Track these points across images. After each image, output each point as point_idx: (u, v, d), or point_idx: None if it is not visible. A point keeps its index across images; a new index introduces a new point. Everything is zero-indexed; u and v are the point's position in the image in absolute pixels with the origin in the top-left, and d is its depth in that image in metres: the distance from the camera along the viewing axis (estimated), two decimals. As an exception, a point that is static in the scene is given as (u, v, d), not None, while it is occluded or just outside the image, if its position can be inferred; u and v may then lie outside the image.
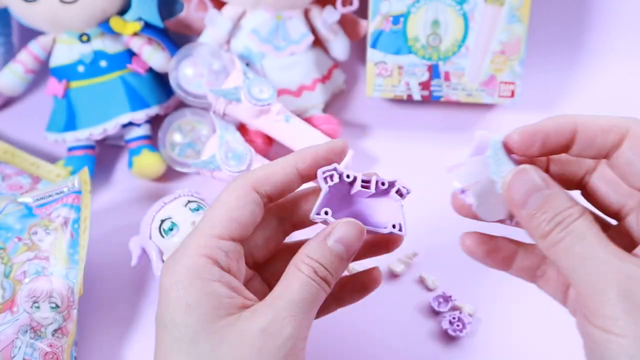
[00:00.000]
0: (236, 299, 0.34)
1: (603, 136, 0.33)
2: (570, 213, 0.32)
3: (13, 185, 0.58)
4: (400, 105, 0.68)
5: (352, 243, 0.35)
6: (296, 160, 0.37)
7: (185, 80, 0.61)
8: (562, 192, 0.33)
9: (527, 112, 0.67)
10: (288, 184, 0.37)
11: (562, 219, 0.32)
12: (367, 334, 0.51)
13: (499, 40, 0.61)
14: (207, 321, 0.33)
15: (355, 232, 0.35)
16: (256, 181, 0.36)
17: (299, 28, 0.63)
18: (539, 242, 0.33)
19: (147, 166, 0.61)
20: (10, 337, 0.47)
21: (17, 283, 0.48)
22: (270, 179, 0.36)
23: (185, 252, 0.35)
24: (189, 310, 0.33)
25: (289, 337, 0.33)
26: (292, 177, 0.37)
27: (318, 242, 0.35)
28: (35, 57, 0.62)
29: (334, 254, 0.35)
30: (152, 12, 0.62)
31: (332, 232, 0.35)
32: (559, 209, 0.32)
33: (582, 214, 0.32)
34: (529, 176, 0.33)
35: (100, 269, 0.55)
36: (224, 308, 0.33)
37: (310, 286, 0.34)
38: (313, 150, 0.37)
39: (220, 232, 0.35)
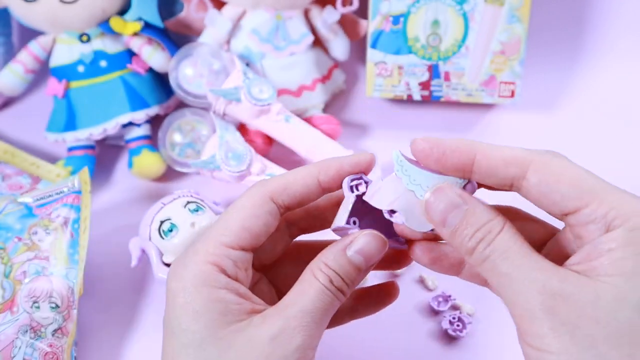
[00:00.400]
0: (244, 305, 0.34)
1: (504, 169, 0.33)
2: (491, 228, 0.32)
3: (13, 185, 0.58)
4: (400, 105, 0.68)
5: (372, 255, 0.34)
6: (318, 171, 0.36)
7: (185, 80, 0.61)
8: (480, 206, 0.32)
9: (527, 112, 0.67)
10: (307, 195, 0.36)
11: (484, 235, 0.32)
12: (366, 333, 0.51)
13: (499, 40, 0.61)
14: (215, 327, 0.33)
15: (377, 245, 0.34)
16: (274, 191, 0.35)
17: (299, 28, 0.63)
18: (467, 259, 0.33)
19: (147, 166, 0.61)
20: (10, 337, 0.47)
21: (17, 283, 0.48)
22: (289, 189, 0.35)
23: (193, 258, 0.34)
24: (197, 316, 0.33)
25: (298, 347, 0.32)
26: (312, 188, 0.36)
27: (337, 251, 0.34)
28: (35, 57, 0.62)
29: (353, 265, 0.34)
30: (152, 12, 0.62)
31: (353, 243, 0.34)
32: (479, 224, 0.32)
33: (502, 226, 0.32)
34: (445, 194, 0.33)
35: (100, 269, 0.55)
36: (231, 314, 0.33)
37: (325, 295, 0.33)
38: (337, 162, 0.36)
39: (230, 240, 0.34)
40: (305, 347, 0.33)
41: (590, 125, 0.67)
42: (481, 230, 0.32)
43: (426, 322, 0.52)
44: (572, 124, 0.67)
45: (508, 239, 0.31)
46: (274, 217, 0.35)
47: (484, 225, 0.32)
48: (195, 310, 0.33)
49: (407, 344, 0.51)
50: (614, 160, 0.64)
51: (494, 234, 0.32)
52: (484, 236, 0.32)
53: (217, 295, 0.33)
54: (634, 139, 0.65)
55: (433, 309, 0.52)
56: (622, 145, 0.65)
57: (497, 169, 0.33)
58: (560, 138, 0.66)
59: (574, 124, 0.67)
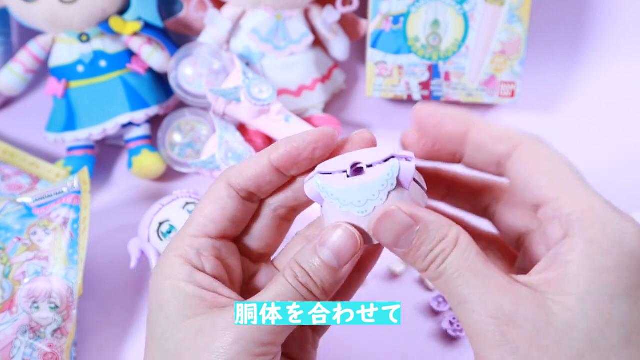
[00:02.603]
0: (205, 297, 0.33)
1: (493, 144, 0.32)
2: (443, 248, 0.30)
3: (12, 185, 0.58)
4: (400, 105, 0.68)
5: (343, 253, 0.32)
6: (269, 152, 0.35)
7: (185, 80, 0.61)
8: (433, 224, 0.31)
9: (527, 112, 0.67)
10: (261, 175, 0.34)
11: (436, 256, 0.30)
12: (366, 333, 0.51)
13: (499, 40, 0.61)
14: (174, 319, 0.33)
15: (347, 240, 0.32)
16: (229, 176, 0.35)
17: (299, 28, 0.63)
18: (422, 275, 0.32)
19: (146, 166, 0.61)
20: (10, 338, 0.47)
21: (16, 283, 0.48)
22: (243, 172, 0.35)
23: (165, 254, 0.35)
24: (160, 308, 0.33)
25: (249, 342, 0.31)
26: (264, 169, 0.34)
27: (308, 248, 0.33)
28: (35, 57, 0.62)
29: (324, 264, 0.32)
30: (152, 12, 0.62)
31: (324, 239, 0.32)
32: (433, 244, 0.30)
33: (455, 243, 0.30)
34: (394, 218, 0.31)
35: (100, 270, 0.55)
36: (189, 308, 0.33)
37: (286, 290, 0.32)
38: (286, 140, 0.34)
39: (193, 230, 0.35)
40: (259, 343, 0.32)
41: (590, 125, 0.66)
42: (434, 250, 0.30)
43: (426, 322, 0.52)
44: (572, 124, 0.67)
45: (461, 256, 0.30)
46: (233, 199, 0.35)
47: (438, 244, 0.30)
48: (160, 302, 0.33)
49: (407, 344, 0.51)
50: (613, 160, 0.64)
51: (447, 252, 0.30)
52: (436, 256, 0.30)
53: (177, 286, 0.33)
54: (634, 139, 0.65)
55: (433, 309, 0.52)
56: (622, 145, 0.65)
57: (487, 143, 0.33)
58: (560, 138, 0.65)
59: (574, 124, 0.67)
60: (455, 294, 0.30)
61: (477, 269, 0.30)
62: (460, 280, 0.30)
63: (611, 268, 0.28)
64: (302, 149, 0.34)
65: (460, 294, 0.30)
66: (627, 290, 0.28)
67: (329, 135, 0.34)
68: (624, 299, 0.28)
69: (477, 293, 0.29)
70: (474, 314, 0.29)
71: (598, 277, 0.28)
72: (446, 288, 0.30)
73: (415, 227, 0.31)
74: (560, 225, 0.29)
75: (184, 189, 0.54)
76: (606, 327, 0.27)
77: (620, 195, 0.60)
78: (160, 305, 0.33)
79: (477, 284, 0.29)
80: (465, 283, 0.29)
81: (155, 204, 0.52)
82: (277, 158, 0.34)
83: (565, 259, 0.28)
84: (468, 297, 0.29)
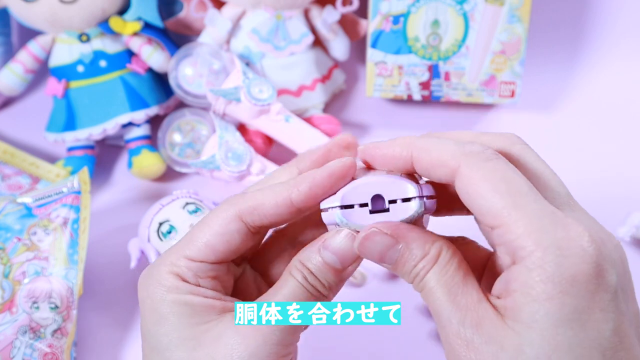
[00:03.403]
0: (214, 305, 0.34)
1: (434, 171, 0.32)
2: (423, 266, 0.31)
3: (12, 186, 0.58)
4: (400, 105, 0.68)
5: (346, 256, 0.33)
6: (289, 190, 0.33)
7: (185, 80, 0.61)
8: (415, 241, 0.31)
9: (527, 112, 0.67)
10: (280, 215, 0.34)
11: (418, 272, 0.31)
12: (366, 333, 0.51)
13: (499, 40, 0.61)
14: (182, 329, 0.33)
15: (348, 245, 0.33)
16: (244, 211, 0.34)
17: (299, 28, 0.63)
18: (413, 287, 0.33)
19: (146, 166, 0.61)
20: (10, 338, 0.47)
21: (16, 283, 0.48)
22: (258, 210, 0.34)
23: (158, 268, 0.34)
24: (162, 321, 0.33)
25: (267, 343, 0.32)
26: (284, 209, 0.34)
27: (312, 250, 0.34)
28: (35, 57, 0.62)
29: (327, 265, 0.33)
30: (152, 12, 0.62)
31: (327, 242, 0.33)
32: (415, 261, 0.31)
33: (434, 261, 0.31)
34: (375, 240, 0.32)
35: (100, 270, 0.55)
36: (199, 316, 0.33)
37: (300, 291, 0.33)
38: (309, 178, 0.33)
39: (193, 254, 0.34)
40: (275, 344, 0.32)
41: (590, 125, 0.66)
42: (417, 265, 0.31)
43: (426, 322, 0.52)
44: (572, 124, 0.67)
45: (439, 272, 0.31)
46: (242, 235, 0.34)
47: (420, 261, 0.31)
48: (161, 315, 0.33)
49: (407, 344, 0.51)
50: (613, 160, 0.64)
51: (427, 268, 0.31)
52: (417, 273, 0.31)
53: (182, 299, 0.33)
54: (634, 139, 0.65)
55: (433, 310, 0.52)
56: (622, 145, 0.65)
57: (429, 171, 0.32)
58: (560, 138, 0.65)
59: (574, 124, 0.67)
60: (433, 308, 0.31)
61: (451, 286, 0.31)
62: (436, 295, 0.31)
63: (553, 296, 0.27)
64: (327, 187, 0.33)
65: (435, 309, 0.31)
66: (570, 316, 0.28)
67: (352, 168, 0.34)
68: (568, 325, 0.28)
69: (447, 310, 0.30)
70: (443, 329, 0.30)
71: (541, 306, 0.28)
72: (427, 301, 0.31)
73: (397, 246, 0.32)
74: (507, 252, 0.29)
75: (184, 189, 0.54)
76: (553, 354, 0.28)
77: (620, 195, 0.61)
78: (162, 318, 0.33)
79: (449, 300, 0.30)
80: (439, 299, 0.30)
81: (155, 204, 0.52)
82: (298, 199, 0.33)
83: (512, 287, 0.29)
84: (441, 312, 0.30)
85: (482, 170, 0.30)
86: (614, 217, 0.59)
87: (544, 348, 0.28)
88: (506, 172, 0.30)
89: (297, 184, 0.33)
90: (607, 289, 0.28)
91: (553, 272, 0.28)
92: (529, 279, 0.28)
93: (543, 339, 0.28)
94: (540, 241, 0.28)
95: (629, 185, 0.62)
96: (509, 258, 0.29)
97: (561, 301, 0.27)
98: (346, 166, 0.33)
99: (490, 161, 0.30)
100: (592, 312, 0.28)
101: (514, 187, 0.29)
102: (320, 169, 0.33)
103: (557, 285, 0.28)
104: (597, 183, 0.61)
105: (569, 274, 0.28)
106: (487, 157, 0.30)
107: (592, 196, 0.48)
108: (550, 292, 0.28)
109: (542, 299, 0.28)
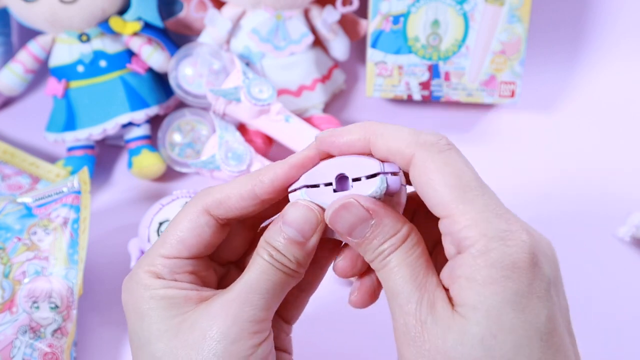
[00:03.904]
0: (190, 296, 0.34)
1: (391, 157, 0.33)
2: (392, 243, 0.32)
3: (12, 185, 0.58)
4: (400, 105, 0.68)
5: (304, 227, 0.33)
6: (253, 182, 0.34)
7: (185, 80, 0.61)
8: (388, 218, 0.32)
9: (527, 112, 0.67)
10: (245, 208, 0.35)
11: (384, 249, 0.32)
12: (366, 333, 0.51)
13: (499, 40, 0.61)
14: (160, 322, 0.33)
15: (307, 215, 0.33)
16: (209, 205, 0.35)
17: (299, 28, 0.63)
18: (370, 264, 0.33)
19: (146, 166, 0.61)
20: (10, 338, 0.47)
21: (16, 283, 0.48)
22: (224, 203, 0.35)
23: (135, 270, 0.35)
24: (142, 317, 0.34)
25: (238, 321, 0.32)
26: (249, 201, 0.35)
27: (275, 228, 0.34)
28: (35, 57, 0.62)
29: (289, 239, 0.33)
30: (152, 12, 0.62)
31: (285, 217, 0.34)
32: (384, 239, 0.32)
33: (403, 240, 0.32)
34: (352, 210, 0.32)
35: (100, 269, 0.55)
36: (176, 308, 0.33)
37: (269, 269, 0.33)
38: (271, 170, 0.34)
39: (166, 251, 0.35)
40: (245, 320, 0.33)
41: (590, 125, 0.66)
42: (384, 243, 0.32)
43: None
44: (572, 124, 0.67)
45: (405, 252, 0.32)
46: (212, 228, 0.35)
47: (388, 240, 0.32)
48: (141, 312, 0.34)
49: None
50: (613, 160, 0.64)
51: (394, 247, 0.32)
52: (384, 250, 0.32)
53: (159, 293, 0.34)
54: (634, 139, 0.65)
55: (433, 309, 0.52)
56: (622, 145, 0.65)
57: (388, 156, 0.33)
58: (560, 138, 0.66)
59: (574, 124, 0.67)
60: (391, 286, 0.32)
61: (414, 267, 0.31)
62: (398, 275, 0.31)
63: (496, 280, 0.29)
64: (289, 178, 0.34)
65: (394, 287, 0.31)
66: (512, 298, 0.29)
67: (315, 160, 0.35)
68: (511, 307, 0.29)
69: (407, 289, 0.31)
70: (400, 307, 0.31)
71: (486, 289, 0.29)
72: (386, 279, 0.32)
73: (370, 221, 0.32)
74: (452, 242, 0.31)
75: (184, 189, 0.54)
76: (499, 334, 0.29)
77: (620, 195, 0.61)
78: (142, 314, 0.34)
79: (410, 280, 0.31)
80: (401, 278, 0.31)
81: (155, 204, 0.52)
82: (262, 190, 0.34)
83: (457, 274, 0.30)
84: (400, 291, 0.31)
85: (435, 162, 0.31)
86: (614, 217, 0.59)
87: (490, 327, 0.29)
88: (457, 164, 0.31)
89: (260, 176, 0.34)
90: (542, 278, 0.30)
91: (496, 258, 0.29)
92: (474, 265, 0.30)
93: (489, 319, 0.29)
94: (486, 232, 0.30)
95: (629, 185, 0.62)
96: (454, 248, 0.31)
97: (504, 285, 0.29)
98: (307, 157, 0.34)
99: (443, 152, 0.32)
100: (530, 297, 0.29)
101: (464, 181, 0.31)
102: (282, 161, 0.35)
103: (499, 270, 0.29)
104: (597, 183, 0.61)
105: (510, 261, 0.29)
106: (440, 149, 0.32)
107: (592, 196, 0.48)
108: (494, 276, 0.29)
109: (486, 282, 0.29)
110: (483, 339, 0.29)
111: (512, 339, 0.29)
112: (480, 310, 0.29)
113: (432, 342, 0.30)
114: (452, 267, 0.31)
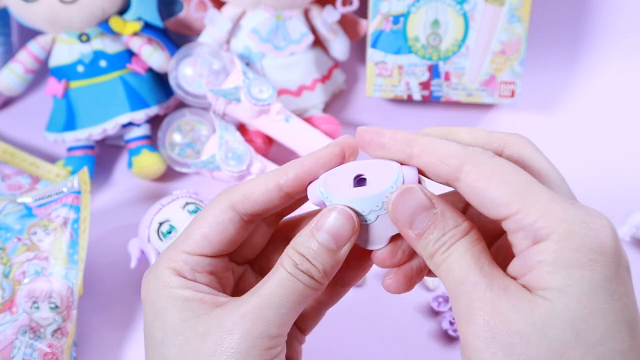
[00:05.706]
0: (205, 300, 0.34)
1: (438, 166, 0.32)
2: (454, 233, 0.31)
3: (12, 185, 0.58)
4: (400, 105, 0.68)
5: (341, 234, 0.33)
6: (278, 176, 0.34)
7: (185, 80, 0.61)
8: (450, 211, 0.32)
9: (527, 112, 0.67)
10: (270, 201, 0.35)
11: (445, 241, 0.31)
12: (366, 333, 0.51)
13: (499, 40, 0.61)
14: (174, 324, 0.33)
15: (345, 222, 0.33)
16: (235, 200, 0.35)
17: (299, 28, 0.63)
18: (427, 262, 0.32)
19: (146, 166, 0.61)
20: (10, 338, 0.47)
21: (16, 283, 0.48)
22: (250, 197, 0.35)
23: (156, 265, 0.35)
24: (158, 315, 0.34)
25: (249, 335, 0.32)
26: (274, 194, 0.35)
27: (305, 234, 0.33)
28: (35, 57, 0.62)
29: (322, 246, 0.33)
30: (152, 12, 0.62)
31: (320, 222, 0.33)
32: (446, 229, 0.31)
33: (465, 233, 0.31)
34: (415, 195, 0.32)
35: (100, 269, 0.55)
36: (190, 311, 0.33)
37: (288, 281, 0.33)
38: (297, 163, 0.34)
39: (189, 248, 0.35)
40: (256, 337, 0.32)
41: (590, 125, 0.66)
42: (447, 234, 0.31)
43: (426, 322, 0.52)
44: (572, 124, 0.67)
45: (466, 246, 0.31)
46: (236, 224, 0.35)
47: (450, 231, 0.31)
48: (157, 310, 0.34)
49: (407, 344, 0.51)
50: (613, 160, 0.64)
51: (454, 240, 0.31)
52: (446, 240, 0.31)
53: (176, 293, 0.34)
54: (634, 139, 0.65)
55: (433, 310, 0.52)
56: (622, 145, 0.65)
57: (431, 167, 0.32)
58: (560, 138, 0.65)
59: (574, 124, 0.67)
60: (455, 277, 0.31)
61: (479, 257, 0.31)
62: (463, 263, 0.31)
63: (584, 264, 0.28)
64: (313, 173, 0.34)
65: (459, 276, 0.30)
66: (602, 283, 0.28)
67: (339, 156, 0.34)
68: (601, 291, 0.28)
69: (474, 275, 0.30)
70: (467, 294, 0.30)
71: (573, 272, 0.28)
72: (449, 271, 0.31)
73: (433, 210, 0.32)
74: (526, 236, 0.30)
75: (184, 189, 0.54)
76: (591, 318, 0.28)
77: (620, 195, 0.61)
78: (158, 313, 0.34)
79: (476, 267, 0.30)
80: (466, 266, 0.30)
81: (155, 204, 0.52)
82: (287, 184, 0.34)
83: (537, 259, 0.29)
84: (466, 278, 0.30)
85: (488, 165, 0.31)
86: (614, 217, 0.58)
87: (581, 311, 0.28)
88: (510, 166, 0.31)
89: (286, 170, 0.35)
90: (625, 264, 0.29)
91: (581, 242, 0.28)
92: (557, 250, 0.28)
93: (579, 303, 0.28)
94: (564, 217, 0.29)
95: (629, 185, 0.62)
96: (527, 242, 0.30)
97: (592, 268, 0.28)
98: (333, 153, 0.34)
99: (494, 158, 0.31)
100: (618, 283, 0.28)
101: (522, 178, 0.30)
102: (307, 155, 0.35)
103: (586, 253, 0.28)
104: (597, 183, 0.61)
105: (597, 244, 0.28)
106: (489, 155, 0.31)
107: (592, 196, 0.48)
108: (581, 259, 0.28)
109: (574, 266, 0.28)
110: (574, 322, 0.28)
111: (604, 324, 0.28)
112: (569, 294, 0.28)
113: (508, 326, 0.28)
114: (527, 257, 0.30)
